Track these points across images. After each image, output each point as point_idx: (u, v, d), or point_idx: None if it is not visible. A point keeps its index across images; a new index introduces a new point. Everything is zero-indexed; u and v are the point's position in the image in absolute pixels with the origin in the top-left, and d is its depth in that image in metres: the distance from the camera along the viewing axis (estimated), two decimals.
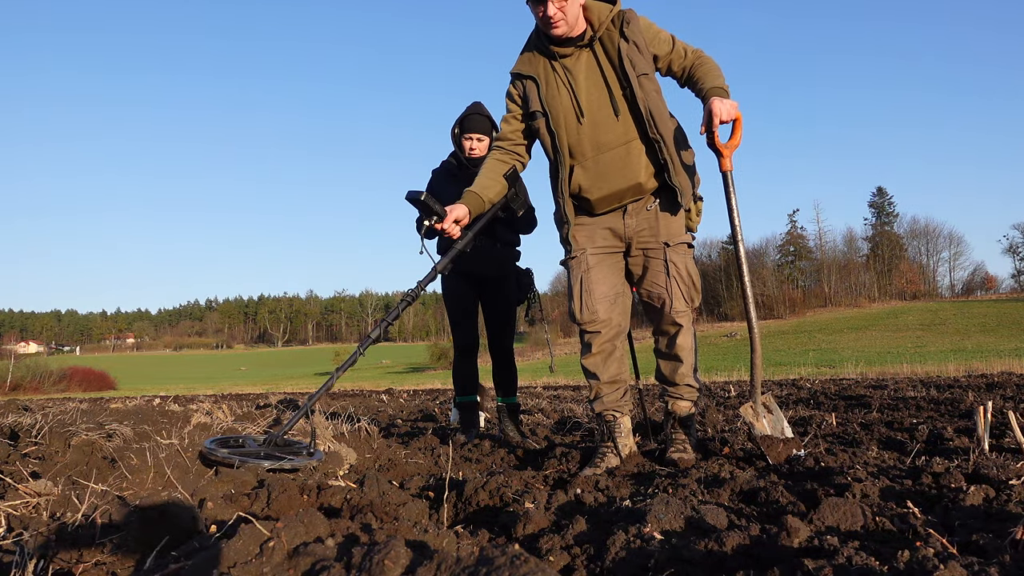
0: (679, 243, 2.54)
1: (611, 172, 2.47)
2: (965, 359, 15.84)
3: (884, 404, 4.71)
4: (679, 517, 1.35)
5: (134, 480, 1.97)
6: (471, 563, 0.91)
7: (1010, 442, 2.42)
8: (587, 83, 2.45)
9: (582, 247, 2.59)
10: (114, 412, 4.06)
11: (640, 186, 2.48)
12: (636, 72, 2.39)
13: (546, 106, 2.49)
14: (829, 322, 49.90)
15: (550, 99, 2.49)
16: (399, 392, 13.49)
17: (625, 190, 2.48)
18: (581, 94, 2.45)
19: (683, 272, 2.53)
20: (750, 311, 2.44)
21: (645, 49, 2.43)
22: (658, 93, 2.48)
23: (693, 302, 2.56)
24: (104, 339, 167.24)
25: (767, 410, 2.46)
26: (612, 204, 2.52)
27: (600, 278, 2.56)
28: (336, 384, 16.91)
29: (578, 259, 2.59)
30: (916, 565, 0.98)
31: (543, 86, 2.50)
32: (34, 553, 1.21)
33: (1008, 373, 9.36)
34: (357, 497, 1.62)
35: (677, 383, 2.58)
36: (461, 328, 3.70)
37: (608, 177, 2.47)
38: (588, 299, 2.55)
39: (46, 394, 28.02)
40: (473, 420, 3.82)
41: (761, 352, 2.50)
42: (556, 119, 2.49)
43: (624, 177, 2.46)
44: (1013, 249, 72.99)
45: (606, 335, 2.56)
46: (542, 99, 2.50)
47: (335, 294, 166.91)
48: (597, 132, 2.45)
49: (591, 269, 2.56)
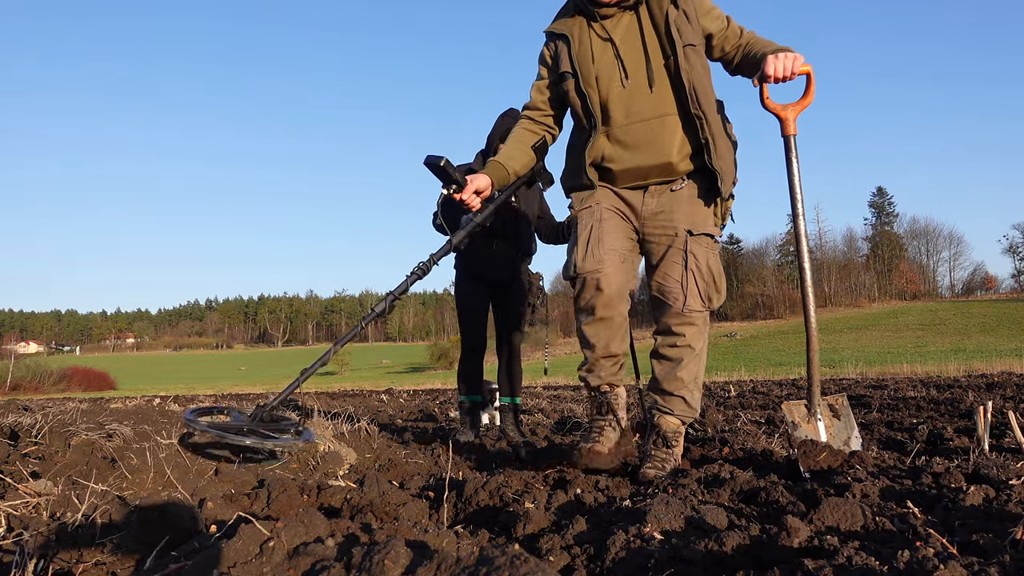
0: (703, 234, 2.26)
1: (640, 144, 2.24)
2: (965, 359, 15.84)
3: (884, 404, 4.71)
4: (679, 517, 1.35)
5: (134, 480, 1.97)
6: (471, 563, 0.91)
7: (1010, 442, 2.42)
8: (624, 46, 2.24)
9: (597, 200, 2.36)
10: (114, 412, 4.06)
11: (670, 166, 2.25)
12: (683, 42, 2.17)
13: (577, 66, 2.28)
14: (829, 322, 49.85)
15: (581, 58, 2.27)
16: (399, 392, 13.49)
17: (652, 167, 2.26)
18: (624, 56, 2.23)
19: (703, 267, 2.24)
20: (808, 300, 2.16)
21: (696, 20, 2.22)
22: (705, 70, 2.25)
23: (711, 302, 2.27)
24: (104, 339, 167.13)
25: (833, 413, 2.17)
26: (636, 180, 2.30)
27: (613, 231, 2.31)
28: (336, 384, 16.90)
29: (591, 209, 2.35)
30: (916, 565, 0.98)
31: (575, 45, 2.28)
32: (34, 553, 1.21)
33: (1008, 373, 9.36)
34: (357, 497, 1.62)
35: (672, 393, 2.25)
36: (471, 329, 3.75)
37: (636, 149, 2.25)
38: (596, 248, 2.27)
39: (46, 394, 28.01)
40: (476, 419, 3.86)
41: (818, 348, 2.19)
42: (587, 80, 2.27)
43: (653, 152, 2.24)
44: (1013, 249, 73.01)
45: (610, 295, 2.26)
46: (573, 59, 2.28)
47: (335, 294, 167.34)
48: (633, 101, 2.23)
49: (603, 221, 2.31)
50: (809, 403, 2.15)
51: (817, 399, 2.15)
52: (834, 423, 2.15)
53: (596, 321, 2.28)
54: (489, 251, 3.66)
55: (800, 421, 2.12)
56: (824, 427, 2.12)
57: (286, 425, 2.39)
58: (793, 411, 2.15)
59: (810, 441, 2.01)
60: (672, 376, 2.24)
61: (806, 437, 2.05)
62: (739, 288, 68.90)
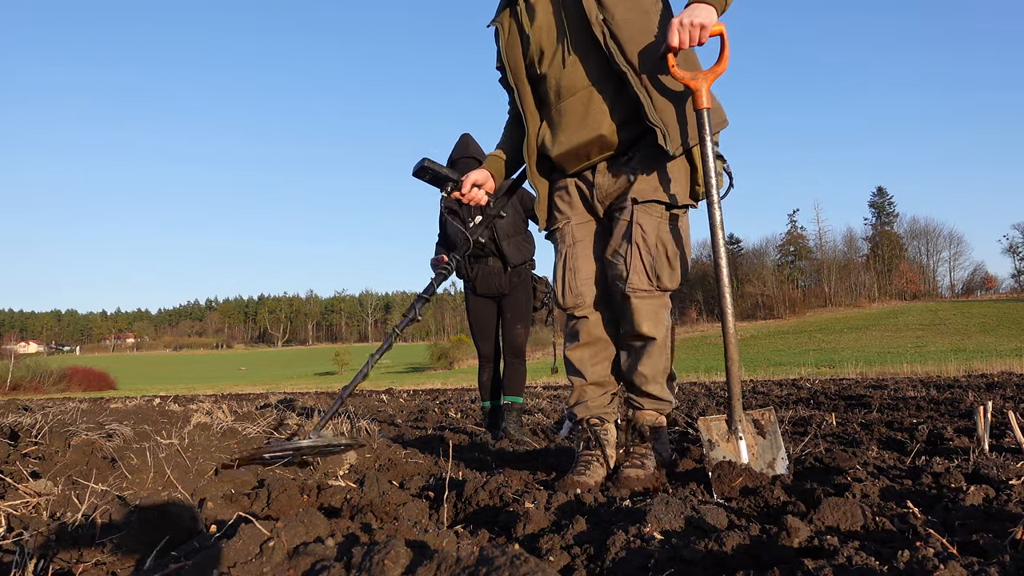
0: (650, 200, 2.00)
1: (571, 123, 2.04)
2: (965, 359, 15.83)
3: (884, 404, 4.71)
4: (679, 517, 1.35)
5: (134, 480, 1.97)
6: (471, 563, 0.91)
7: (1010, 442, 2.42)
8: (546, 20, 2.06)
9: (566, 216, 2.17)
10: (114, 412, 4.06)
11: (604, 139, 2.01)
12: None
13: (504, 59, 2.15)
14: (829, 322, 49.88)
15: (510, 48, 2.13)
16: (399, 392, 13.48)
17: (586, 144, 2.03)
18: (541, 34, 2.05)
19: (652, 239, 1.98)
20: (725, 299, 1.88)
21: None
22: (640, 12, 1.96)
23: (659, 280, 1.99)
24: (104, 339, 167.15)
25: (757, 430, 1.89)
26: (579, 162, 2.10)
27: (587, 254, 2.15)
28: (336, 384, 16.92)
29: (562, 231, 2.18)
30: (916, 565, 0.98)
31: (504, 35, 2.14)
32: (34, 553, 1.21)
33: (1008, 373, 9.35)
34: (357, 497, 1.62)
35: (639, 388, 2.07)
36: (482, 340, 4.09)
37: (567, 129, 2.05)
38: (572, 280, 2.13)
39: (46, 394, 28.02)
40: (497, 422, 4.03)
41: (738, 357, 1.89)
42: (516, 71, 2.13)
43: (585, 128, 2.01)
44: (1013, 249, 73.07)
45: (594, 322, 2.13)
46: (501, 51, 2.15)
47: (335, 294, 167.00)
48: (559, 78, 2.04)
49: (576, 244, 2.15)
50: (729, 419, 1.89)
51: (739, 414, 1.88)
52: (758, 441, 1.86)
53: (582, 346, 2.16)
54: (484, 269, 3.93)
55: (719, 440, 1.87)
56: (746, 447, 1.85)
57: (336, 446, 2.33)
58: (711, 428, 1.90)
59: (727, 463, 1.74)
60: (635, 372, 2.06)
61: (723, 458, 1.80)
62: (739, 288, 68.86)
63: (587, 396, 2.16)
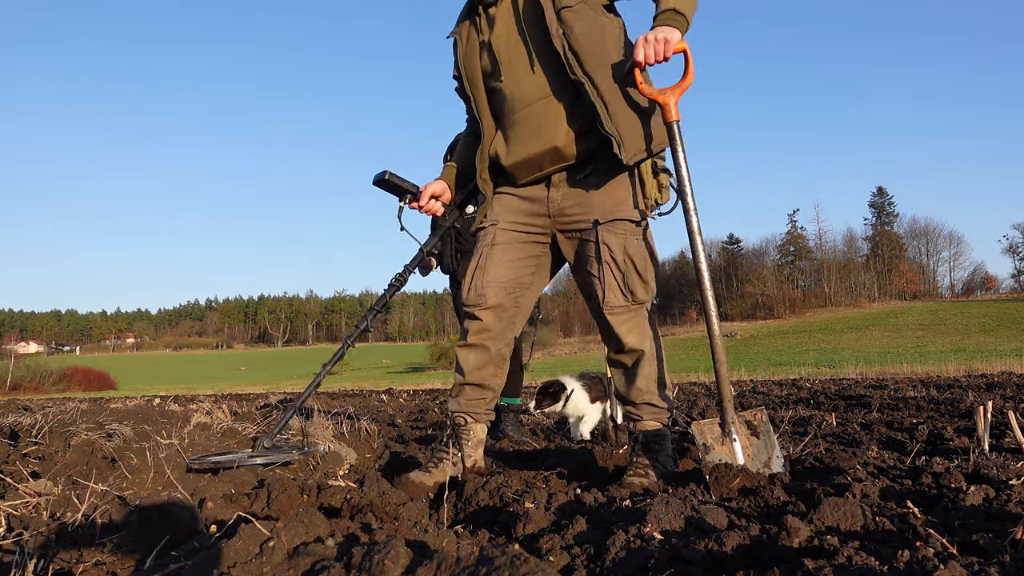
0: (614, 220, 2.04)
1: (525, 133, 2.06)
2: (965, 359, 15.84)
3: (884, 404, 4.71)
4: (679, 517, 1.35)
5: (134, 480, 1.97)
6: (471, 563, 0.91)
7: (1010, 442, 2.41)
8: (506, 32, 2.07)
9: (495, 219, 2.20)
10: (114, 412, 4.06)
11: (558, 151, 2.03)
12: (557, 6, 1.96)
13: (462, 68, 2.17)
14: (829, 322, 49.90)
15: (467, 58, 2.15)
16: (399, 392, 13.48)
17: (540, 155, 2.05)
18: (500, 44, 2.07)
19: (620, 257, 2.03)
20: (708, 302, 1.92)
21: None
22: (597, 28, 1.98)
23: (634, 295, 2.05)
24: (104, 339, 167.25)
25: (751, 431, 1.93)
26: (531, 172, 2.11)
27: (502, 258, 2.16)
28: (336, 384, 16.88)
29: (486, 231, 2.21)
30: (916, 565, 0.98)
31: (462, 45, 2.17)
32: (34, 553, 1.21)
33: (1008, 373, 9.36)
34: (357, 497, 1.62)
35: (634, 401, 2.13)
36: None
37: (521, 138, 2.07)
38: (479, 279, 2.15)
39: (46, 394, 28.01)
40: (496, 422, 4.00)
41: (726, 360, 1.94)
42: (473, 80, 2.15)
43: (539, 139, 2.04)
44: (1013, 249, 73.12)
45: (488, 325, 2.15)
46: (458, 61, 2.18)
47: (335, 294, 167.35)
48: (516, 88, 2.06)
49: (495, 246, 2.17)
50: (722, 422, 1.91)
51: (731, 416, 1.90)
52: (752, 442, 1.90)
53: (470, 347, 2.19)
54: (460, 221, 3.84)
55: (713, 443, 1.88)
56: (740, 448, 1.88)
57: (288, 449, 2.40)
58: (705, 432, 1.91)
59: (723, 465, 1.76)
60: (631, 387, 2.13)
61: (720, 461, 1.81)
62: (739, 288, 68.91)
63: (463, 393, 2.23)
